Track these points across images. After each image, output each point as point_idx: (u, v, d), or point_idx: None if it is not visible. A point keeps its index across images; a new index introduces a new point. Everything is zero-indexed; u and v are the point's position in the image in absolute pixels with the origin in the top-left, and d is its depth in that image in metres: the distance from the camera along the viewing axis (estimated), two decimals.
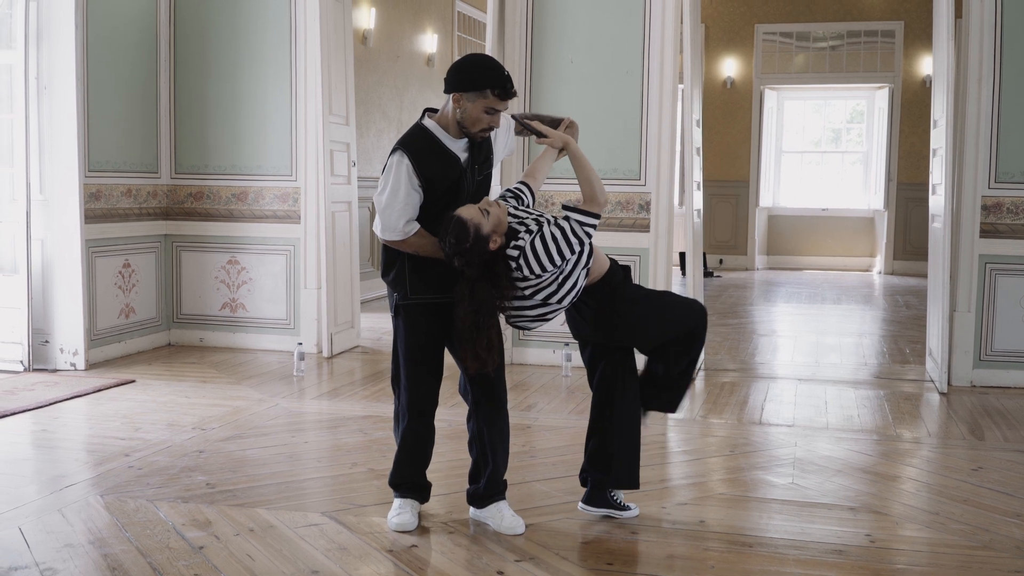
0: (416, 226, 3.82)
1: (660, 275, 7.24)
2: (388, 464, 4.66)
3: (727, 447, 5.38)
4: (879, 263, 15.46)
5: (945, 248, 6.75)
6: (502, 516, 4.01)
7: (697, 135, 7.51)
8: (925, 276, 8.24)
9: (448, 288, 3.85)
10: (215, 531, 4.02)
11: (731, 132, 15.75)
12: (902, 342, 8.86)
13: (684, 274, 13.03)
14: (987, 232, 6.85)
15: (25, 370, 7.07)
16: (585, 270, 3.86)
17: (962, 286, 6.89)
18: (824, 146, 16.71)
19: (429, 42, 13.04)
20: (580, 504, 4.20)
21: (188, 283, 8.19)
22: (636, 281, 7.24)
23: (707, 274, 13.94)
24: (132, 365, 7.37)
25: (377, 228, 3.86)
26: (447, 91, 3.83)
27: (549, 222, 3.75)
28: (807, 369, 7.59)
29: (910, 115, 15.00)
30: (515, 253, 3.71)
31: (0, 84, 7.19)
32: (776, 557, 3.79)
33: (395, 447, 4.16)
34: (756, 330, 9.65)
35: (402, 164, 3.78)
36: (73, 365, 7.16)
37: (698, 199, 7.55)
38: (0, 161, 7.22)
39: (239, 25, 7.93)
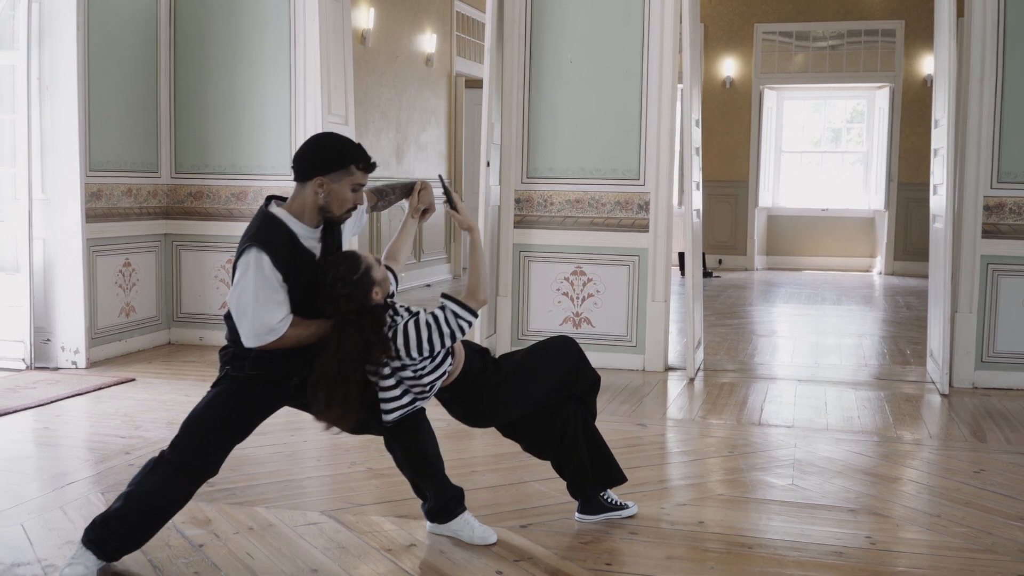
0: (291, 318, 3.48)
1: (659, 275, 7.25)
2: (388, 463, 4.65)
3: (726, 448, 5.38)
4: (879, 264, 15.45)
5: (946, 248, 6.75)
6: (472, 528, 3.90)
7: (696, 135, 7.52)
8: (926, 277, 8.24)
9: (292, 362, 3.58)
10: (215, 529, 4.02)
11: (730, 132, 15.74)
12: (903, 343, 8.86)
13: (683, 274, 13.05)
14: (989, 232, 6.85)
15: (27, 368, 7.07)
16: (449, 367, 3.72)
17: (964, 287, 6.88)
18: (824, 146, 16.70)
19: (428, 42, 13.04)
20: (576, 515, 4.15)
21: (188, 282, 8.19)
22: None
23: (706, 274, 13.95)
24: (132, 363, 7.37)
25: (245, 338, 3.46)
26: (305, 178, 3.53)
27: (425, 311, 3.61)
28: (807, 370, 7.59)
29: (911, 115, 14.99)
30: (388, 321, 3.56)
31: (2, 84, 7.19)
32: (776, 559, 3.79)
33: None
34: (755, 331, 9.65)
35: (261, 260, 3.41)
36: (74, 363, 7.17)
37: (697, 199, 7.55)
38: (2, 161, 7.23)
39: (239, 25, 7.93)
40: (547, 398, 3.93)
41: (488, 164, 7.40)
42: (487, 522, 3.99)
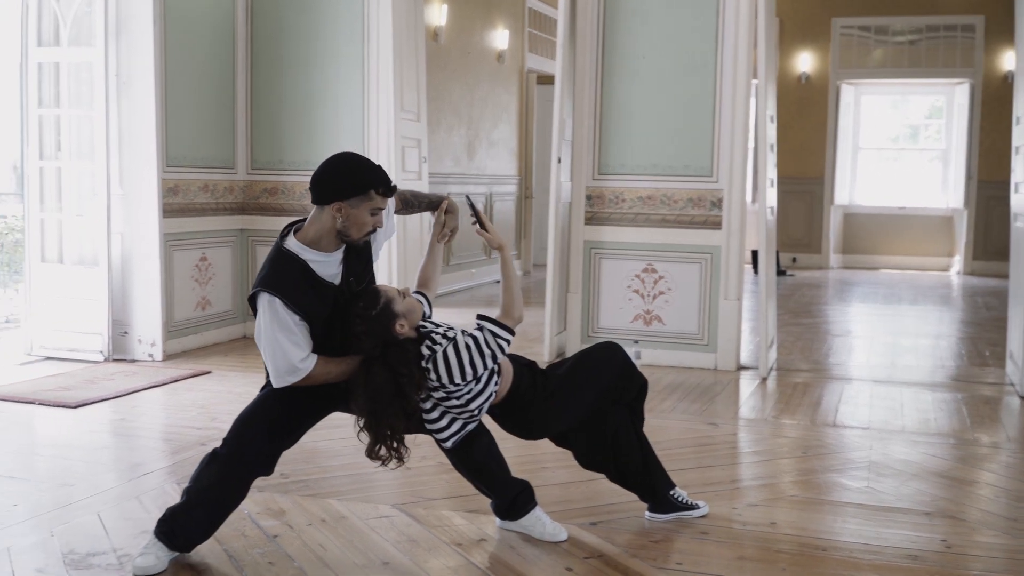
0: (315, 358, 3.47)
1: (732, 273, 7.17)
2: None
3: (799, 449, 5.31)
4: (958, 263, 15.16)
5: None
6: (543, 524, 3.90)
7: (771, 131, 7.43)
8: (1005, 277, 8.05)
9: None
10: (288, 520, 4.08)
11: (806, 128, 15.54)
12: (981, 344, 8.68)
13: (756, 273, 12.91)
14: None
15: (105, 360, 7.22)
16: (495, 387, 3.67)
17: None
18: (902, 143, 16.42)
19: (500, 38, 13.06)
20: (647, 514, 4.12)
21: None
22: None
23: (780, 273, 13.79)
24: (208, 356, 7.49)
25: (272, 379, 3.53)
26: (323, 202, 3.45)
27: (463, 333, 3.57)
28: (883, 371, 7.47)
29: (991, 111, 14.67)
30: (426, 352, 3.52)
31: (80, 81, 7.33)
32: (850, 561, 3.74)
33: None
34: (830, 330, 9.52)
35: (274, 304, 3.42)
36: (151, 356, 7.30)
37: (771, 196, 7.46)
38: (81, 156, 7.37)
39: (313, 22, 8.00)
40: (596, 405, 3.88)
41: (559, 161, 7.38)
42: (557, 519, 3.99)
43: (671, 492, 4.11)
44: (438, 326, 3.65)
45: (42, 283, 7.40)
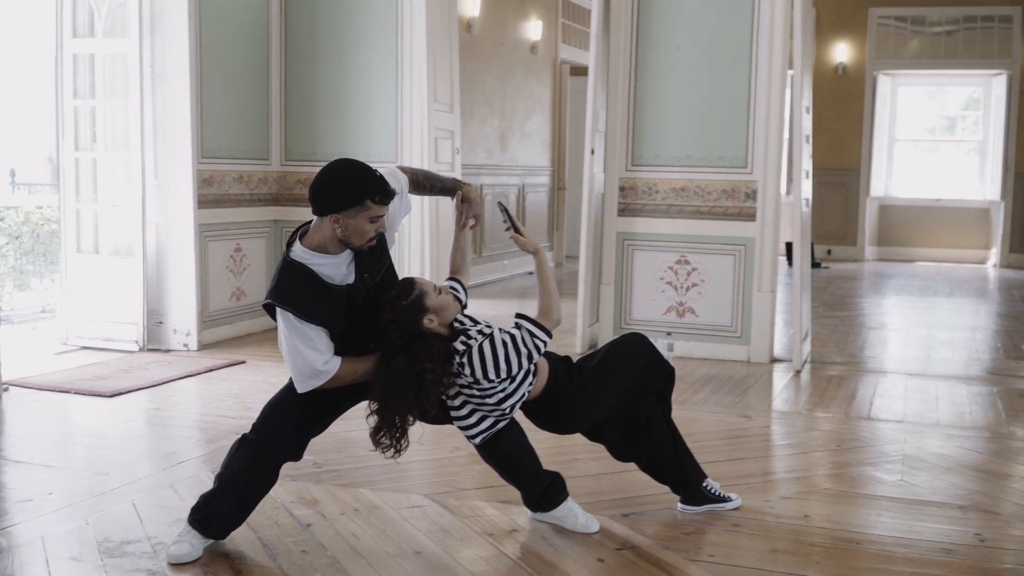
0: (337, 360, 3.48)
1: (766, 265, 7.13)
2: None
3: (833, 442, 5.28)
4: (994, 256, 14.99)
5: None
6: (576, 516, 3.89)
7: (807, 122, 7.37)
8: None
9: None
10: (322, 509, 4.10)
11: (842, 119, 15.41)
12: (1017, 337, 8.59)
13: (791, 265, 12.84)
14: None
15: (140, 350, 7.28)
16: (529, 387, 3.66)
17: None
18: (938, 134, 16.25)
19: (533, 29, 13.04)
20: (679, 506, 4.11)
21: None
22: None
23: (815, 265, 13.69)
24: (243, 346, 7.53)
25: (295, 384, 3.54)
26: (321, 214, 3.41)
27: (500, 330, 3.54)
28: (917, 364, 7.41)
29: None
30: (461, 348, 3.50)
31: (115, 72, 7.37)
32: (884, 555, 3.71)
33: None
34: (865, 323, 9.45)
35: (287, 316, 3.43)
36: (186, 346, 7.35)
37: (807, 188, 7.41)
38: (115, 148, 7.42)
39: (347, 13, 8.03)
40: (627, 396, 3.87)
41: (592, 152, 7.37)
42: (589, 510, 3.99)
43: (703, 484, 4.09)
44: (476, 323, 3.64)
45: (78, 273, 7.47)
